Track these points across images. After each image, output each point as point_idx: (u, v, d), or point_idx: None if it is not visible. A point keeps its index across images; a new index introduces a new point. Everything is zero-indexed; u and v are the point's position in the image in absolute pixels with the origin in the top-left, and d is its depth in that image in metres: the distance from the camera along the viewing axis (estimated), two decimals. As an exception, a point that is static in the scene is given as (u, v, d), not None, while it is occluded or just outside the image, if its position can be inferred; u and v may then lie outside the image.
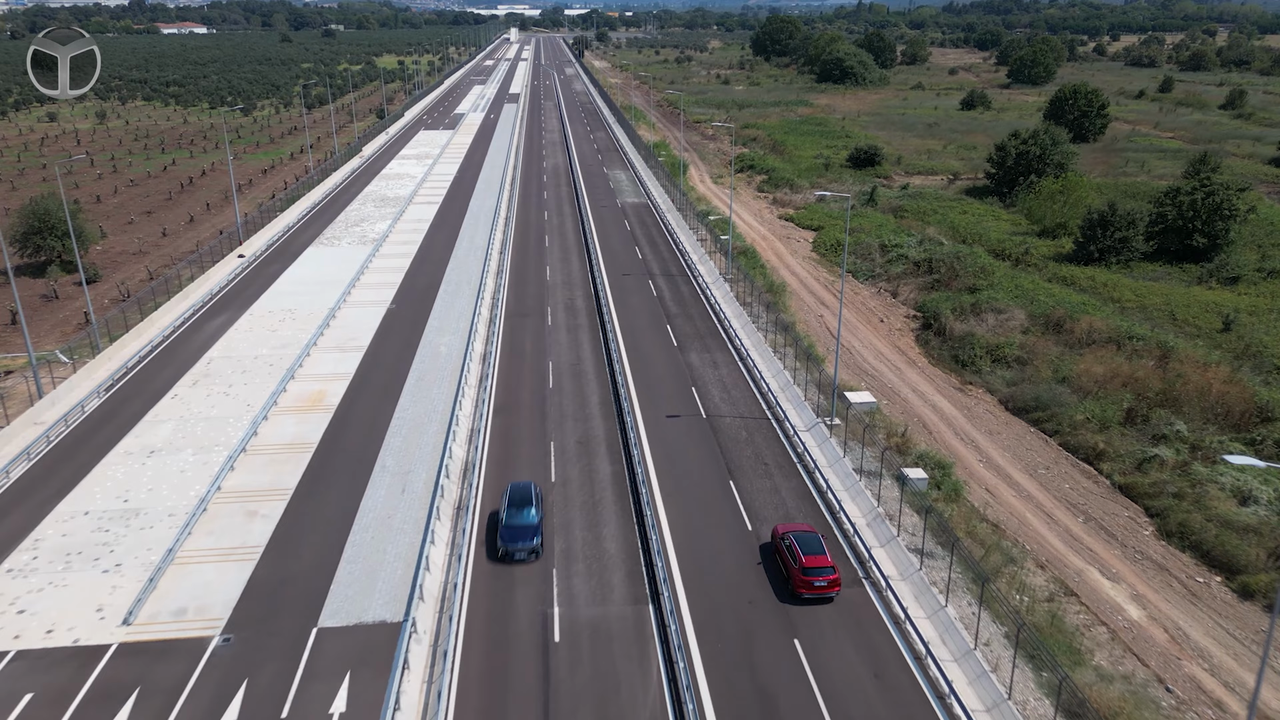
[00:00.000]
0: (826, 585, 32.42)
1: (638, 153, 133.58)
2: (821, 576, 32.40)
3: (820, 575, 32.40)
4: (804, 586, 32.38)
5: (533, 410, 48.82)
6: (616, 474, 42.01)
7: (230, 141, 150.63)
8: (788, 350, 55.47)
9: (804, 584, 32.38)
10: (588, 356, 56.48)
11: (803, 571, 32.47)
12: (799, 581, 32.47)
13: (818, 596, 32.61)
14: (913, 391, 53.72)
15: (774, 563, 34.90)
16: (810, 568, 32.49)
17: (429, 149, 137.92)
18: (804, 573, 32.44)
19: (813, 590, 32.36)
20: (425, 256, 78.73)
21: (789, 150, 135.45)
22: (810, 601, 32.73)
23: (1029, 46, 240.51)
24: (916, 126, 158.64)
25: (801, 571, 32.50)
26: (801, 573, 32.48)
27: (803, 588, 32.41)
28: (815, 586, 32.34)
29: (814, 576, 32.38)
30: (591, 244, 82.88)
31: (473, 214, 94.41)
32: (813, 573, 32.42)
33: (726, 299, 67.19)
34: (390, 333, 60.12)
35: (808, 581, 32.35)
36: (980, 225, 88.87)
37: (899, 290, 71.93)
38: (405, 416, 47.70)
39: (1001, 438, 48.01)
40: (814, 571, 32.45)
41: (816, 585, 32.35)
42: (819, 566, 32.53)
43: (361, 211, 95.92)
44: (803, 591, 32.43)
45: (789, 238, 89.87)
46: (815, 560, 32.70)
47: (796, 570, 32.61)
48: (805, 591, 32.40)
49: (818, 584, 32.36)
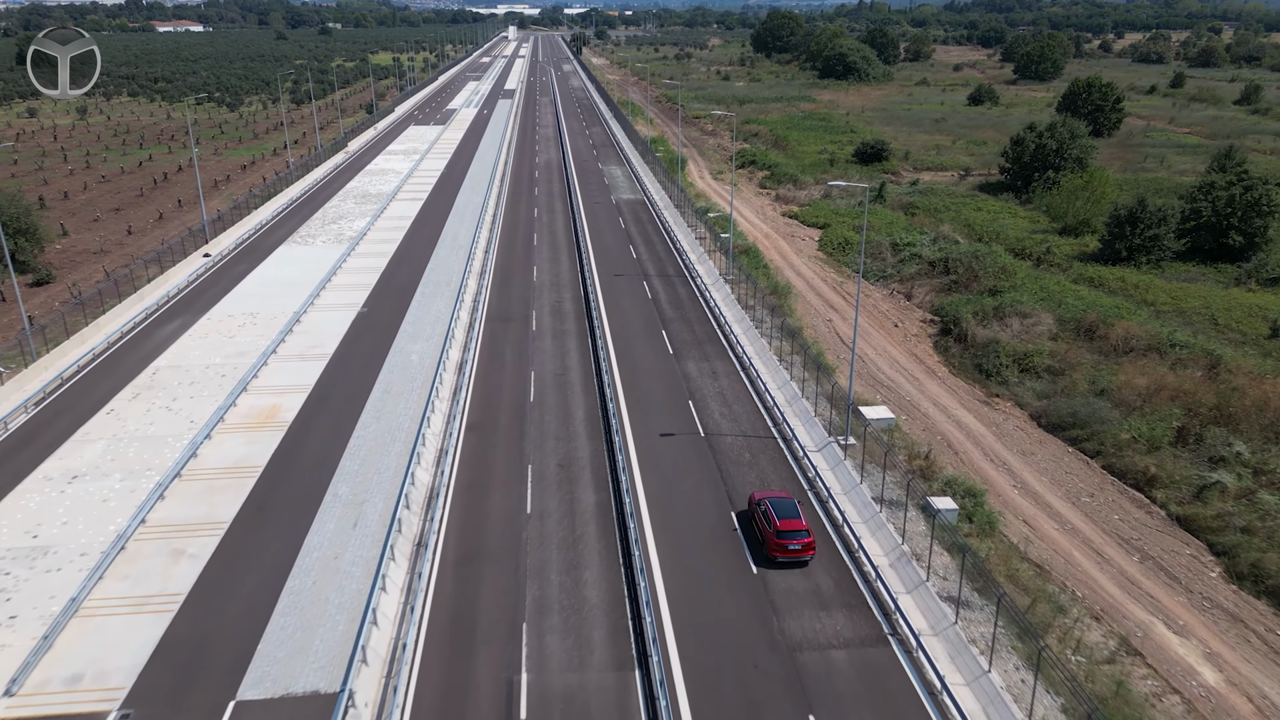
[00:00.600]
0: (801, 549, 32.45)
1: (634, 148, 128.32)
2: (796, 540, 32.43)
3: (794, 539, 32.44)
4: (778, 550, 32.52)
5: (510, 427, 43.53)
6: (602, 504, 36.71)
7: (213, 137, 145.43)
8: (794, 359, 50.22)
9: (778, 548, 32.52)
10: (574, 366, 51.19)
11: (777, 535, 32.55)
12: (773, 545, 32.61)
13: (792, 560, 32.63)
14: (934, 405, 48.42)
15: (751, 528, 34.85)
16: (785, 531, 32.52)
17: (417, 144, 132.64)
18: (779, 536, 32.51)
19: (786, 554, 32.46)
20: (404, 256, 73.42)
21: (792, 145, 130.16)
22: (785, 565, 32.68)
23: (1035, 42, 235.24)
24: (923, 122, 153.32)
25: (776, 535, 32.57)
26: (777, 536, 32.54)
27: (776, 551, 32.56)
28: (790, 550, 32.43)
29: (788, 540, 32.43)
30: (583, 242, 77.64)
31: (458, 211, 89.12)
32: (787, 536, 32.46)
33: (727, 302, 61.94)
34: (359, 339, 54.84)
35: (782, 545, 32.46)
36: (997, 223, 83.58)
37: (913, 292, 66.64)
38: (366, 435, 42.39)
39: (1036, 459, 42.70)
40: (788, 535, 32.47)
41: (790, 549, 32.42)
42: (793, 530, 32.54)
43: (340, 208, 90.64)
44: (776, 555, 32.55)
45: (793, 236, 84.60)
46: (790, 524, 32.70)
47: (771, 534, 32.74)
48: (779, 555, 32.51)
49: (791, 547, 32.41)
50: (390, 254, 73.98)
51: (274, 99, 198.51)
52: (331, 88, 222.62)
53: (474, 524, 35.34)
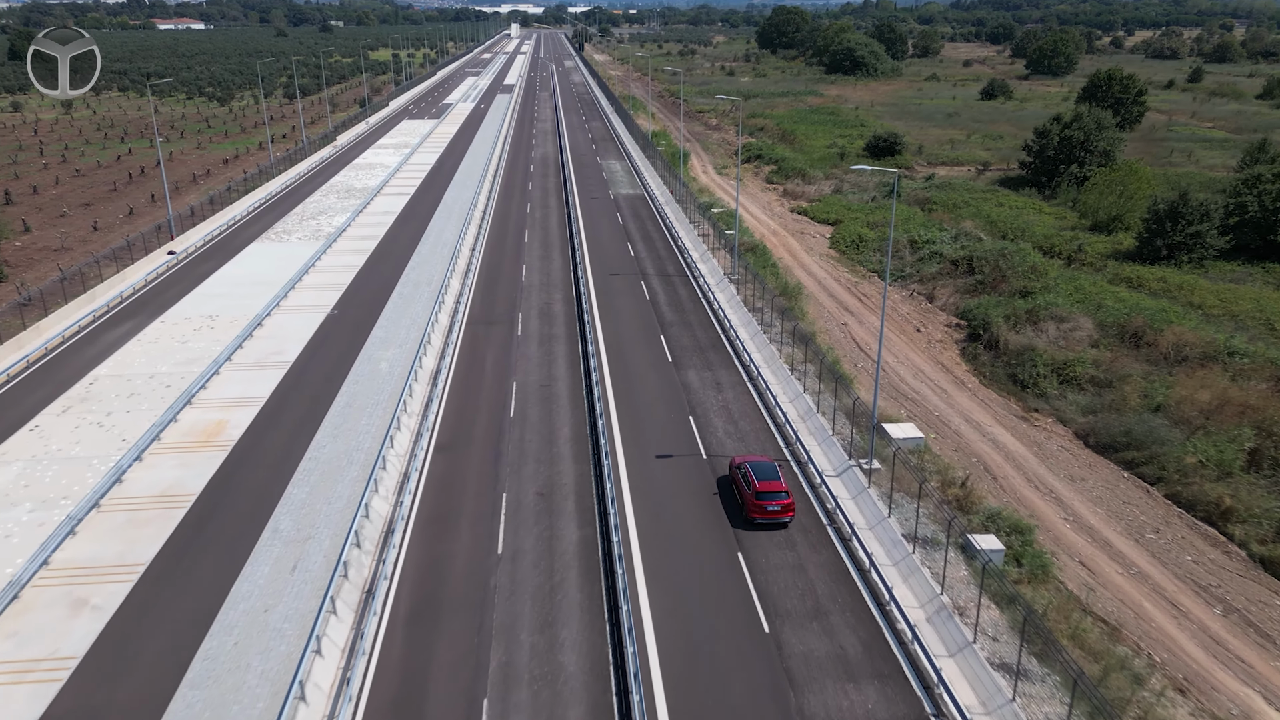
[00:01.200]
0: (780, 510, 32.11)
1: (635, 143, 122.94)
2: (775, 501, 32.09)
3: (773, 500, 32.09)
4: (757, 511, 32.12)
5: (486, 448, 38.17)
6: (586, 542, 31.34)
7: (198, 131, 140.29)
8: (807, 368, 44.85)
9: (757, 509, 32.13)
10: (562, 375, 45.81)
11: (756, 496, 32.15)
12: (752, 507, 32.25)
13: (771, 522, 32.30)
14: (965, 421, 42.97)
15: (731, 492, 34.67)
16: (764, 492, 32.14)
17: (408, 138, 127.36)
18: (758, 497, 32.12)
19: (766, 515, 32.11)
20: (384, 254, 68.11)
21: (799, 139, 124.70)
22: (764, 527, 32.33)
23: (1047, 37, 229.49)
24: (936, 116, 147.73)
25: (755, 496, 32.16)
26: (755, 497, 32.15)
27: (755, 512, 32.15)
28: (769, 511, 32.08)
29: (767, 501, 32.07)
30: (577, 240, 72.26)
31: (446, 207, 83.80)
32: (766, 497, 32.09)
33: (732, 304, 56.56)
34: (325, 344, 49.53)
35: (761, 506, 32.07)
36: (1021, 219, 78.07)
37: (935, 293, 61.17)
38: (320, 456, 37.06)
39: (1088, 486, 37.25)
40: (767, 496, 32.10)
41: (770, 510, 32.07)
42: (772, 491, 32.16)
43: (322, 203, 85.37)
44: (755, 516, 32.15)
45: (803, 233, 79.16)
46: (769, 485, 32.31)
47: (750, 496, 32.36)
48: (759, 516, 32.11)
49: (770, 509, 32.06)
50: (369, 251, 68.66)
51: (266, 94, 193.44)
52: (327, 83, 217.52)
53: (434, 567, 30.00)
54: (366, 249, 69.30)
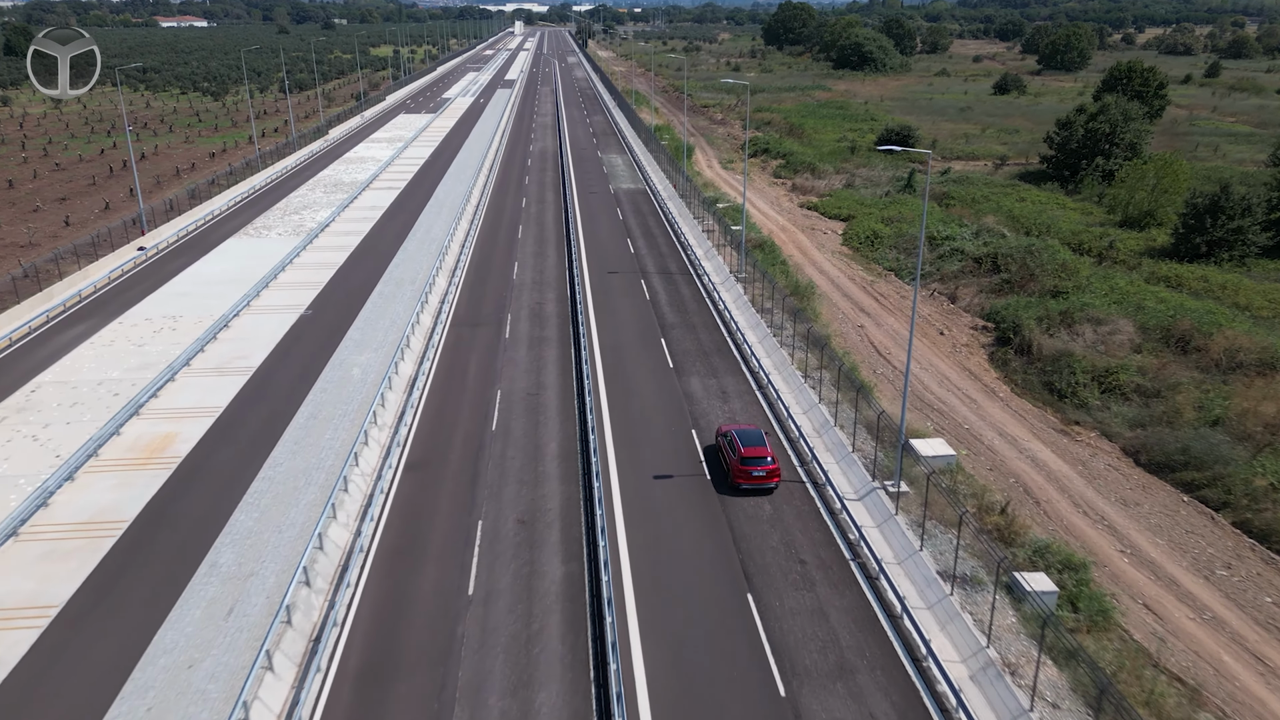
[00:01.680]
0: (765, 475, 31.75)
1: (637, 136, 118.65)
2: (760, 466, 31.71)
3: (759, 465, 31.69)
4: (742, 476, 31.76)
5: (462, 466, 33.95)
6: (570, 580, 27.10)
7: (188, 124, 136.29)
8: (823, 375, 40.58)
9: (742, 474, 31.76)
10: (551, 383, 41.55)
11: (741, 461, 31.75)
12: (737, 471, 31.87)
13: (756, 487, 31.92)
14: (999, 435, 38.65)
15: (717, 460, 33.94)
16: (749, 457, 31.71)
17: (403, 132, 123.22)
18: (742, 462, 31.73)
19: (751, 480, 31.75)
20: (368, 250, 63.93)
21: (808, 134, 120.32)
22: (749, 492, 31.86)
23: (1060, 31, 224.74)
24: (948, 110, 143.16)
25: (740, 461, 31.76)
26: (740, 463, 31.75)
27: (741, 477, 31.79)
28: (754, 477, 31.73)
29: (752, 466, 31.66)
30: (574, 235, 67.98)
31: (437, 201, 79.60)
32: (751, 462, 31.66)
33: (739, 304, 52.28)
34: (294, 348, 45.34)
35: (746, 471, 31.70)
36: (1045, 214, 73.63)
37: (958, 293, 56.80)
38: (275, 476, 32.87)
39: (1143, 511, 32.92)
40: (752, 461, 31.66)
41: (755, 475, 31.71)
42: (757, 456, 31.73)
43: (307, 197, 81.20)
44: (740, 481, 31.81)
45: (813, 229, 74.82)
46: (754, 450, 31.93)
47: (735, 461, 31.94)
48: (743, 481, 31.78)
49: (755, 474, 31.71)
50: (352, 248, 64.47)
51: (262, 88, 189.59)
52: (325, 78, 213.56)
53: (395, 611, 25.78)
54: (349, 245, 65.12)
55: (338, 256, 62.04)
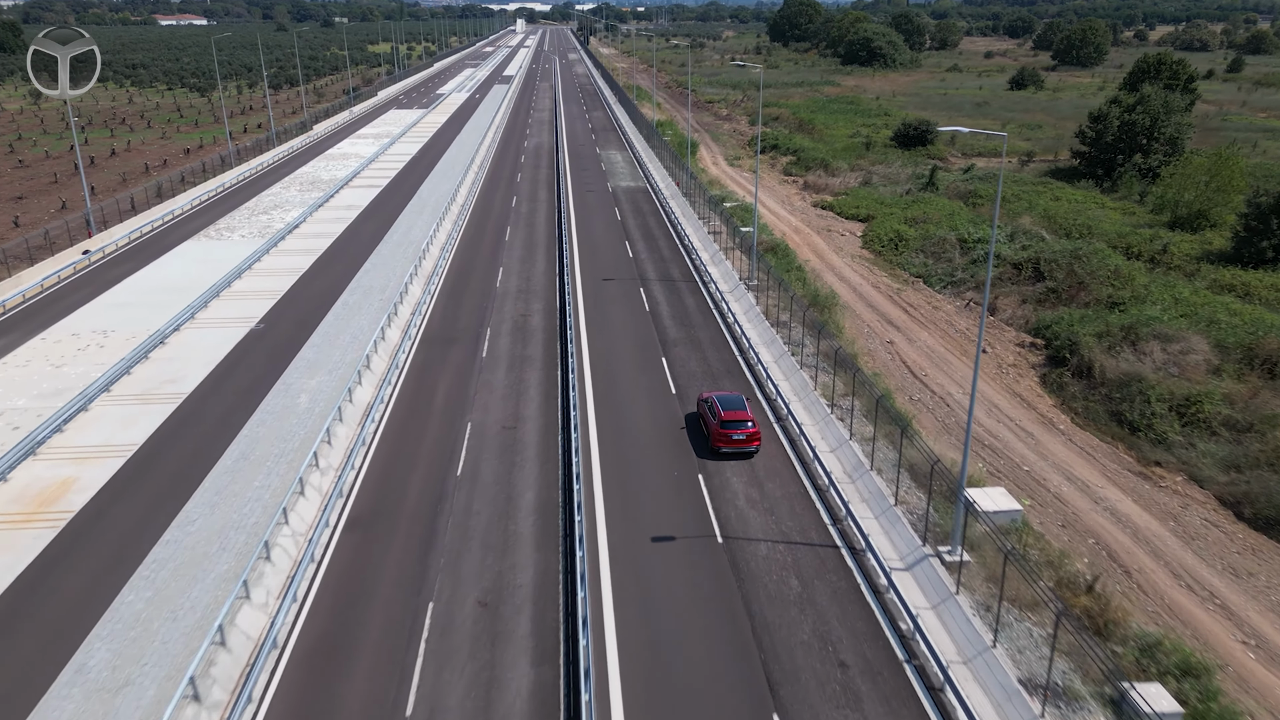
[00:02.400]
0: (745, 439, 31.17)
1: (638, 132, 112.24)
2: (740, 430, 31.13)
3: (738, 429, 31.13)
4: (722, 440, 31.13)
5: (417, 523, 27.66)
6: (543, 691, 20.77)
7: (168, 120, 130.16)
8: (852, 404, 34.25)
9: (722, 438, 31.12)
10: (532, 414, 35.25)
11: (721, 425, 31.19)
12: (717, 437, 31.24)
13: (736, 450, 31.37)
14: (1066, 479, 32.28)
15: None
16: (729, 420, 31.22)
17: (391, 128, 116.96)
18: (722, 426, 31.15)
19: (730, 444, 31.18)
20: (338, 253, 57.68)
21: (818, 129, 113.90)
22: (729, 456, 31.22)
23: (1076, 26, 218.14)
24: (964, 106, 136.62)
25: (720, 425, 31.19)
26: (720, 426, 31.18)
27: (720, 441, 31.16)
28: (733, 440, 31.12)
29: (732, 430, 31.10)
30: (567, 238, 61.66)
31: (419, 200, 73.32)
32: (731, 426, 31.14)
33: (751, 316, 45.94)
34: (236, 369, 39.08)
35: (725, 435, 31.09)
36: (1084, 215, 67.18)
37: (997, 303, 50.38)
38: (184, 538, 26.60)
39: (1260, 584, 26.53)
40: (732, 425, 31.16)
41: (735, 439, 31.11)
42: (737, 420, 31.26)
43: (280, 196, 74.95)
44: (720, 445, 31.20)
45: (829, 230, 68.43)
46: (734, 414, 31.44)
47: (715, 426, 31.39)
48: (723, 445, 31.16)
49: (735, 437, 31.13)
50: (321, 251, 58.23)
51: (251, 84, 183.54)
52: (319, 75, 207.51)
53: (307, 739, 19.48)
54: (318, 248, 58.85)
55: (303, 261, 55.76)
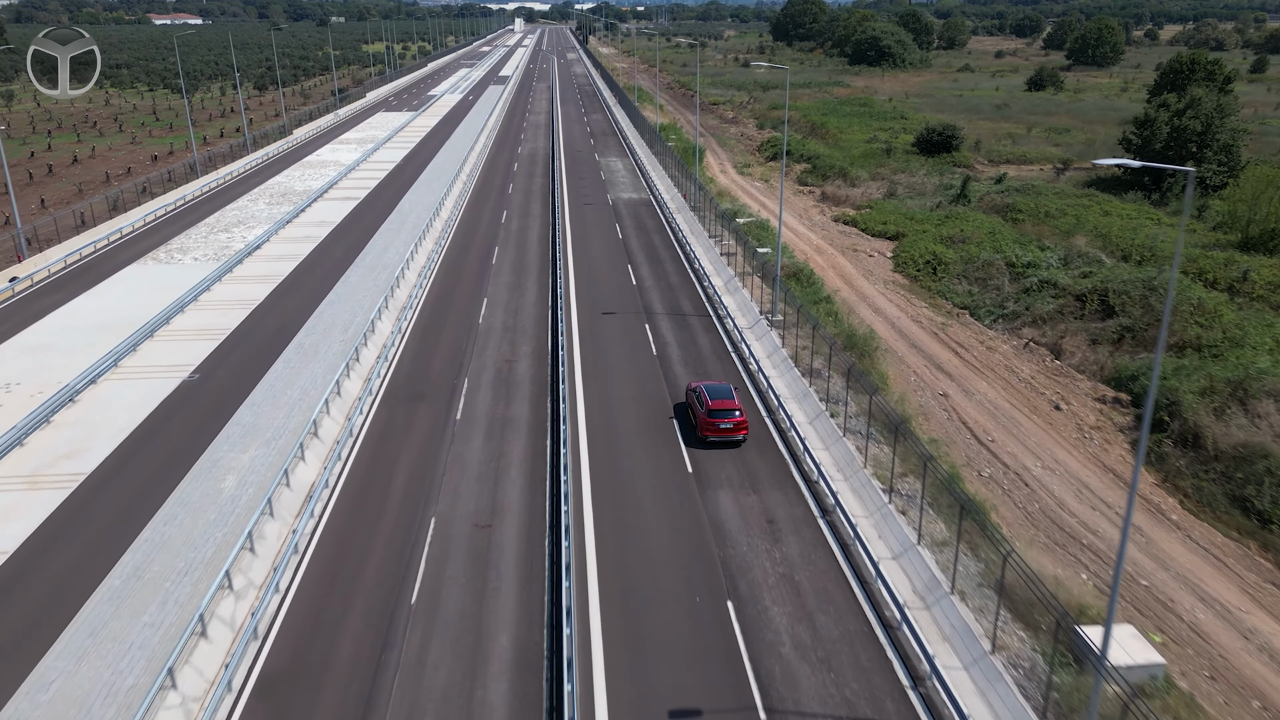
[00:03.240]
0: (733, 428, 31.14)
1: (640, 137, 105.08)
2: (727, 419, 31.10)
3: (725, 418, 31.09)
4: (709, 429, 31.13)
5: (348, 687, 20.55)
6: None
7: (141, 124, 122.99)
8: (911, 484, 27.21)
9: (709, 427, 31.11)
10: (513, 504, 28.10)
11: (709, 414, 31.10)
12: (704, 425, 31.20)
13: (724, 439, 31.25)
14: (1198, 599, 25.17)
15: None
16: (716, 410, 31.14)
17: (377, 132, 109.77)
18: (710, 415, 31.05)
19: (718, 433, 31.15)
20: (300, 280, 50.60)
21: (832, 133, 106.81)
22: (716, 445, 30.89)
23: (1090, 25, 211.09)
24: (982, 108, 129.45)
25: (707, 414, 31.13)
26: (708, 415, 31.10)
27: (708, 430, 31.15)
28: (721, 429, 31.06)
29: (719, 419, 31.02)
30: (562, 261, 54.58)
31: (399, 215, 66.21)
32: (718, 415, 31.07)
33: (776, 362, 38.86)
34: (154, 439, 31.97)
35: (713, 424, 31.06)
36: (1141, 233, 60.10)
37: (1062, 344, 43.19)
38: (31, 714, 19.48)
39: None
40: (720, 414, 31.09)
41: (722, 428, 31.06)
42: (725, 409, 31.18)
43: (246, 211, 67.81)
44: (708, 434, 31.19)
45: (855, 250, 61.33)
46: (722, 404, 31.35)
47: (703, 415, 31.30)
48: (710, 434, 31.17)
49: (723, 426, 31.06)
50: (282, 277, 51.13)
51: (235, 85, 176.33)
52: (308, 75, 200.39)
53: None
54: (279, 274, 51.75)
55: (258, 291, 48.64)
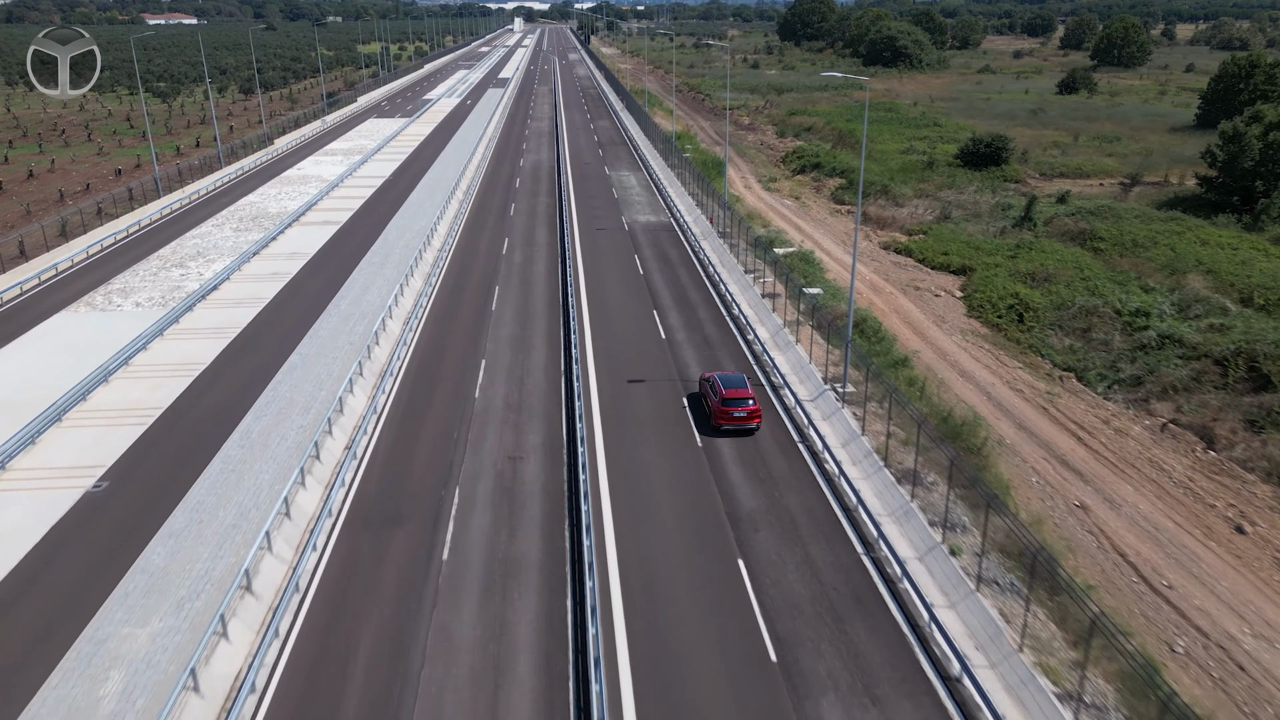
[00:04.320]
0: (746, 416, 31.40)
1: (653, 147, 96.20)
2: (740, 408, 31.41)
3: (739, 406, 31.42)
4: (723, 418, 31.48)
5: None
6: None
7: (113, 131, 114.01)
8: (1060, 651, 18.40)
9: (723, 415, 31.47)
10: (521, 702, 19.28)
11: (722, 403, 31.47)
12: (718, 414, 31.59)
13: (737, 428, 31.43)
14: None
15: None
16: (730, 399, 31.49)
17: (367, 141, 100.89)
18: (724, 404, 31.44)
19: (731, 421, 31.43)
20: (259, 333, 41.73)
21: (856, 140, 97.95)
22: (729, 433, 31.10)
23: (1115, 24, 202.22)
24: (1017, 113, 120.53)
25: (721, 403, 31.50)
26: (721, 404, 31.50)
27: (721, 419, 31.51)
28: (734, 417, 31.40)
29: (733, 408, 31.40)
30: (575, 308, 45.74)
31: (385, 244, 57.39)
32: (732, 404, 31.44)
33: (858, 459, 29.99)
34: (15, 608, 23.13)
35: (726, 413, 31.41)
36: (1252, 268, 51.31)
37: (1214, 427, 34.28)
38: None
39: None
40: (733, 403, 31.46)
41: (735, 416, 31.42)
42: (738, 398, 31.55)
43: (210, 239, 58.96)
44: (721, 423, 31.53)
45: (916, 286, 52.51)
46: (735, 392, 31.74)
47: (716, 403, 31.70)
48: (724, 423, 31.47)
49: (736, 415, 31.41)
50: (239, 329, 42.28)
51: (220, 89, 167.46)
52: (298, 77, 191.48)
53: None
54: (235, 325, 42.89)
55: (206, 350, 39.76)
